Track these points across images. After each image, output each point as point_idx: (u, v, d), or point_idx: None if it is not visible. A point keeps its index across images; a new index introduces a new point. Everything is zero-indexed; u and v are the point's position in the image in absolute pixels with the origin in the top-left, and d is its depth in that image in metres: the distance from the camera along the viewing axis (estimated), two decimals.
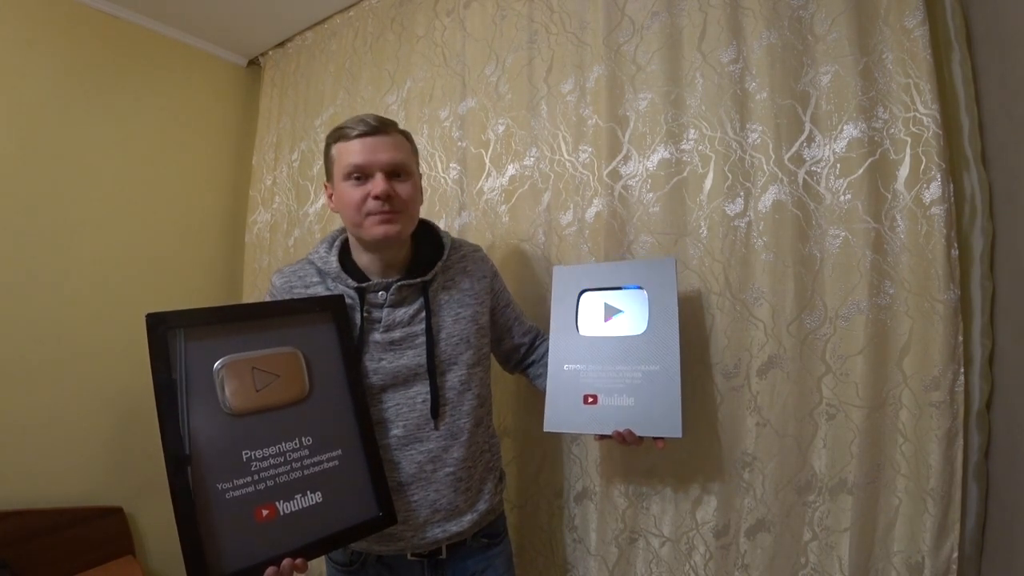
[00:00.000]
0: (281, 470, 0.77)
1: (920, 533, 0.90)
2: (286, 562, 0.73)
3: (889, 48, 0.95)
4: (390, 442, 0.90)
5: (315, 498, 0.78)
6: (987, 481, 0.91)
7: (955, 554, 0.88)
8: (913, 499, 0.92)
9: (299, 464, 0.79)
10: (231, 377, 0.77)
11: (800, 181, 1.01)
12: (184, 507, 0.70)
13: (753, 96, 1.06)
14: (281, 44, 2.03)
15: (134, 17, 1.78)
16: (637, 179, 1.17)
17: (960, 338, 0.89)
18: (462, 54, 1.48)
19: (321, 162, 1.83)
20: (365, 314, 0.91)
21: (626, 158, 1.18)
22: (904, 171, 0.93)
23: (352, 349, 0.88)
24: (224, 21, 1.87)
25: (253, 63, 2.16)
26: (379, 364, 0.91)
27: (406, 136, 0.97)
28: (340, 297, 0.91)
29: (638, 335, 0.94)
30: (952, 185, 0.91)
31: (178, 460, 0.71)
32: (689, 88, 1.12)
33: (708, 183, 1.09)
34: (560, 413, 0.96)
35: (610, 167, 1.19)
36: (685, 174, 1.12)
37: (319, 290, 0.94)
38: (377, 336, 0.91)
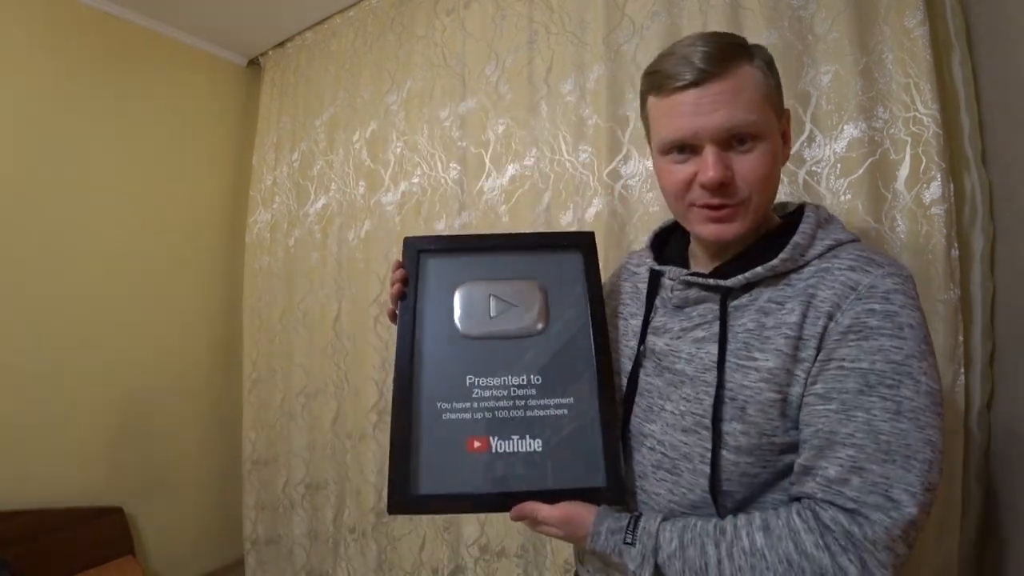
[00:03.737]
0: (503, 404, 0.71)
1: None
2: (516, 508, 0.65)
3: (889, 48, 0.95)
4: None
5: (534, 445, 0.70)
6: (987, 481, 0.91)
7: (955, 554, 0.88)
8: None
9: (523, 403, 0.71)
10: (468, 300, 0.76)
11: (800, 181, 1.01)
12: (402, 419, 0.69)
13: None
14: (281, 44, 2.03)
15: (134, 17, 1.79)
16: (637, 179, 1.17)
17: (960, 338, 0.89)
18: (462, 54, 1.48)
19: (322, 162, 1.86)
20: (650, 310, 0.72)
21: (626, 158, 1.18)
22: (904, 171, 0.93)
23: (599, 293, 0.76)
24: (224, 21, 1.87)
25: (253, 63, 2.16)
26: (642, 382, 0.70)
27: (762, 65, 0.60)
28: (590, 234, 0.79)
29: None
30: (952, 185, 0.90)
31: (406, 373, 0.71)
32: None
33: None
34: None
35: (610, 167, 1.19)
36: None
37: (644, 270, 0.78)
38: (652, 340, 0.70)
